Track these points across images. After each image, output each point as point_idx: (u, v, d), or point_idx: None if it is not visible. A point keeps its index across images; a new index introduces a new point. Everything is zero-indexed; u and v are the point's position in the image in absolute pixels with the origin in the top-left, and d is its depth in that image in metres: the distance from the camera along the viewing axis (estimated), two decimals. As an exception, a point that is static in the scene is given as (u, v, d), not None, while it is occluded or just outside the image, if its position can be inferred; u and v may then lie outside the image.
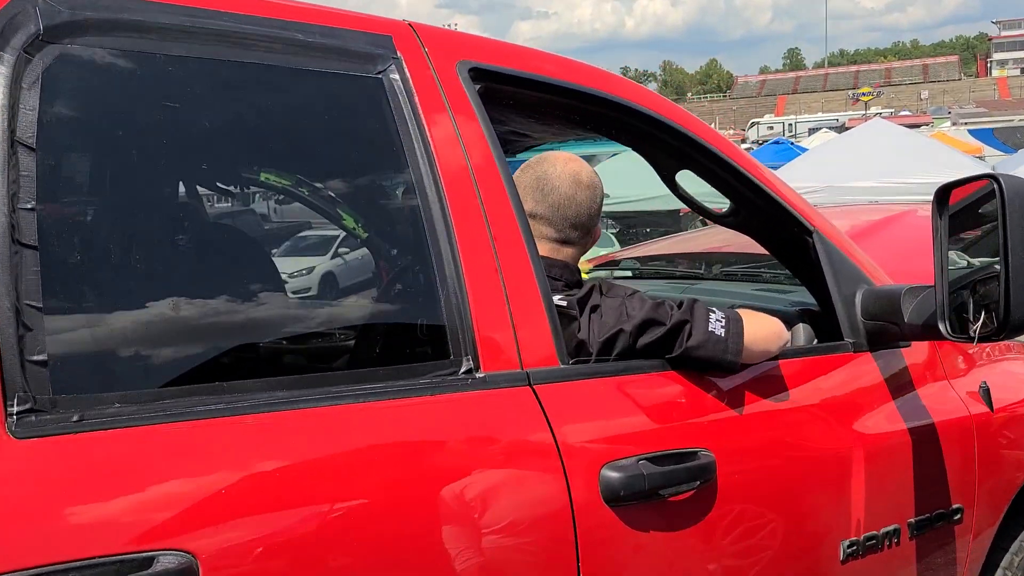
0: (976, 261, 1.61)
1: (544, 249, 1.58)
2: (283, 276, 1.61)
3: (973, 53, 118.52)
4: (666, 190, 2.02)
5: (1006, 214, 1.49)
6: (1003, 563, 2.16)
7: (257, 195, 1.77)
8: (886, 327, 1.83)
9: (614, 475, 1.36)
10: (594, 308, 1.52)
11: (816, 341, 1.96)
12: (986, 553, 2.07)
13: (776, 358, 1.70)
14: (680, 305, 1.56)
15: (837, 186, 11.34)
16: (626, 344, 1.50)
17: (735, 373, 1.56)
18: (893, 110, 58.10)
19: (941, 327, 1.64)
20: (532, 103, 1.70)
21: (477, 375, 1.30)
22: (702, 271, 2.86)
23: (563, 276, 1.57)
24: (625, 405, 1.46)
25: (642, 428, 1.45)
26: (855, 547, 1.72)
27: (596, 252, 3.60)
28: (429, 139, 1.37)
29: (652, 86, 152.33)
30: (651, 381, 1.51)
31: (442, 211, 1.34)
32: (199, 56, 1.21)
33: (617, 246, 3.63)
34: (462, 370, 1.29)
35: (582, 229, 1.63)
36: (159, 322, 1.14)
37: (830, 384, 1.79)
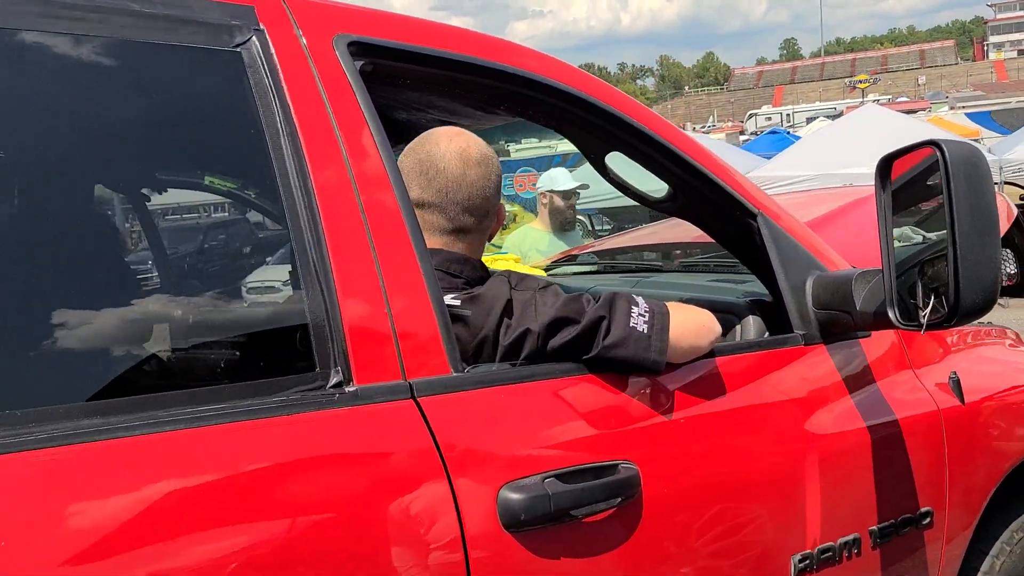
0: (933, 235, 1.45)
1: (437, 241, 1.42)
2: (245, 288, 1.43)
3: (970, 37, 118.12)
4: (661, 184, 1.84)
5: (951, 185, 1.33)
6: (983, 567, 1.99)
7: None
8: (838, 316, 1.67)
9: (514, 497, 1.20)
10: (504, 307, 1.35)
11: (768, 334, 1.80)
12: (962, 558, 1.91)
13: (713, 355, 1.54)
14: (599, 299, 1.40)
15: (831, 173, 11.16)
16: (535, 346, 1.34)
17: (660, 373, 1.40)
18: (891, 97, 57.79)
19: (890, 314, 1.47)
20: (431, 82, 1.54)
21: (347, 389, 1.14)
22: (659, 263, 2.69)
23: (463, 271, 1.40)
24: (530, 416, 1.29)
25: (550, 441, 1.29)
26: (808, 561, 1.56)
27: (557, 248, 3.40)
28: (295, 122, 1.21)
29: (649, 81, 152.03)
30: (563, 386, 1.35)
31: (308, 203, 1.18)
32: (12, 28, 1.05)
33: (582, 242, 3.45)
34: (329, 384, 1.13)
35: (478, 213, 1.46)
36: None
37: (776, 381, 1.62)
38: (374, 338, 1.18)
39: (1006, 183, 11.37)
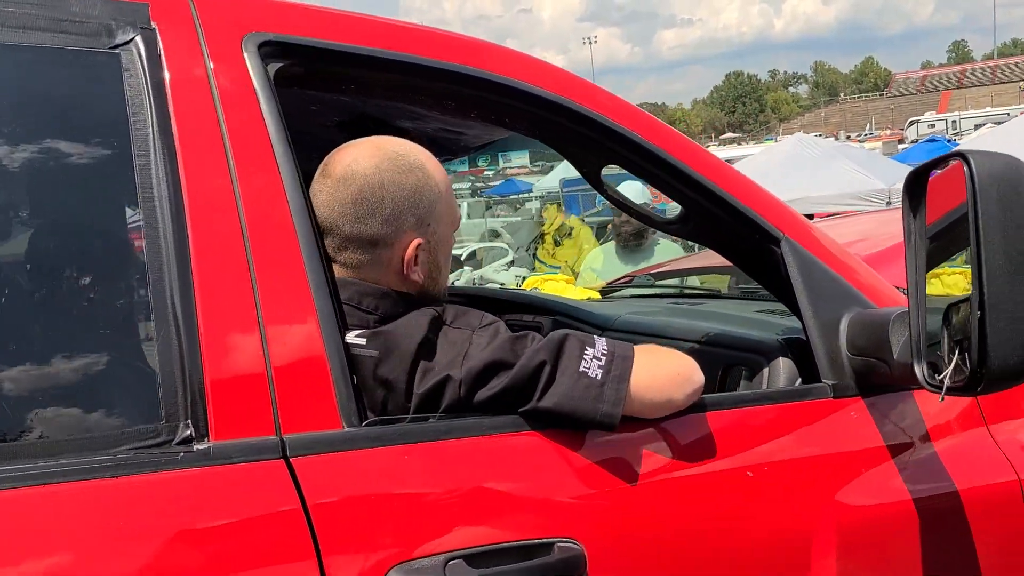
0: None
1: (350, 272, 1.23)
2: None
3: None
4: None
5: (978, 208, 1.02)
6: None
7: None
8: (876, 365, 1.37)
9: (406, 582, 1.00)
10: (421, 346, 1.15)
11: (800, 381, 1.50)
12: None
13: (703, 408, 1.28)
14: (545, 340, 1.18)
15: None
16: (456, 396, 1.13)
17: (614, 430, 1.16)
18: (1073, 100, 52.96)
19: (916, 371, 1.17)
20: (386, 87, 1.37)
21: (197, 446, 0.97)
22: (716, 288, 2.40)
23: (379, 307, 1.20)
24: (441, 481, 1.09)
25: (464, 514, 1.08)
26: (818, 668, 1.27)
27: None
28: (173, 132, 1.07)
29: (802, 88, 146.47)
30: (491, 445, 1.13)
31: (174, 221, 1.03)
32: None
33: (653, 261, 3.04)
34: (176, 439, 0.97)
35: (331, 241, 1.22)
36: None
37: (790, 441, 1.34)
38: (242, 384, 1.02)
39: None
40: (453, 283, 2.89)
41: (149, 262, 1.01)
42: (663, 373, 1.21)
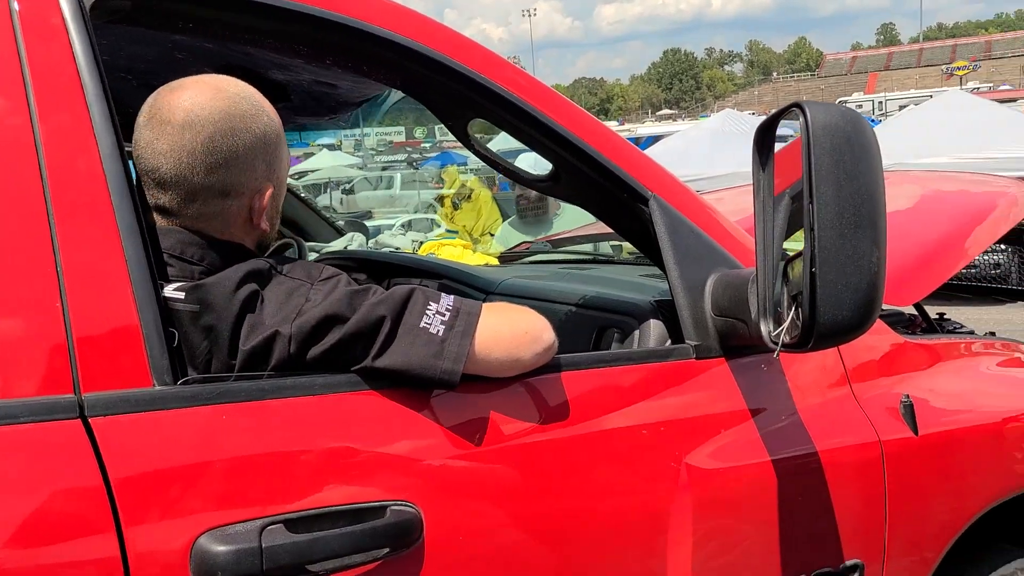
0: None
1: (174, 221, 1.14)
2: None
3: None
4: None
5: (811, 160, 0.99)
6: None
7: None
8: (737, 326, 1.34)
9: (215, 549, 0.94)
10: (247, 300, 1.08)
11: (670, 342, 1.48)
12: (910, 622, 1.56)
13: (558, 368, 1.24)
14: (388, 294, 1.12)
15: (907, 163, 10.46)
16: (285, 353, 1.07)
17: (454, 388, 1.11)
18: (992, 84, 54.80)
19: (763, 329, 1.15)
20: (219, 27, 1.28)
21: (-21, 406, 0.89)
22: (601, 253, 2.37)
23: (204, 257, 1.12)
24: (263, 443, 1.02)
25: (290, 476, 1.02)
26: (671, 629, 1.25)
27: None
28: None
29: (738, 67, 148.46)
30: (322, 405, 1.07)
31: None
32: None
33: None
34: (-46, 398, 0.89)
35: (175, 194, 1.12)
36: None
37: (647, 403, 1.31)
38: (33, 337, 0.94)
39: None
40: (346, 247, 2.81)
41: None
42: (510, 331, 1.16)
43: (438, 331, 1.10)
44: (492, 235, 3.20)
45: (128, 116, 1.19)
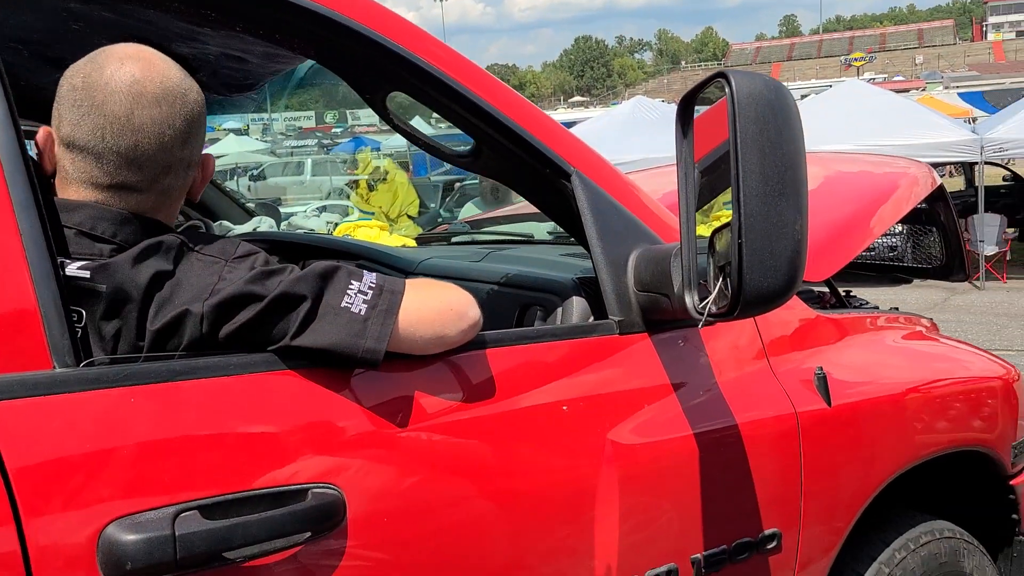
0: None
1: (88, 194, 1.08)
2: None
3: (969, 17, 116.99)
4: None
5: (736, 129, 1.00)
6: (856, 595, 1.70)
7: None
8: (659, 300, 1.35)
9: (124, 538, 0.89)
10: (155, 278, 1.02)
11: (593, 319, 1.48)
12: (824, 586, 1.61)
13: (483, 345, 1.22)
14: (307, 272, 1.08)
15: (811, 151, 10.81)
16: (197, 333, 1.01)
17: (377, 367, 1.08)
18: (886, 75, 57.21)
19: (687, 301, 1.16)
20: None
21: None
22: (520, 233, 2.37)
23: (118, 233, 1.05)
24: (173, 426, 0.97)
25: (205, 461, 0.97)
26: (598, 601, 1.25)
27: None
28: None
29: (647, 55, 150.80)
30: (237, 386, 1.02)
31: None
32: None
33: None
34: None
35: (151, 168, 1.08)
36: None
37: (570, 379, 1.31)
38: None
39: (987, 163, 11.04)
40: (255, 228, 2.73)
41: None
42: (434, 307, 1.14)
43: (360, 310, 1.07)
44: (410, 216, 3.14)
45: (22, 89, 1.11)
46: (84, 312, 0.99)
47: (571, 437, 1.27)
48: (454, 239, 2.61)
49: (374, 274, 1.13)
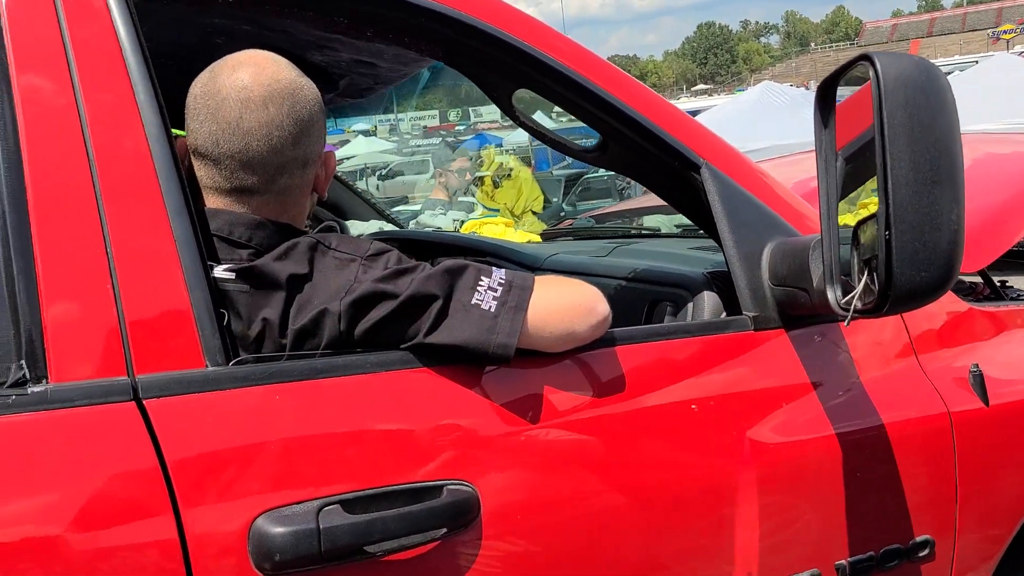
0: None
1: (218, 201, 1.13)
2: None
3: None
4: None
5: (883, 114, 0.94)
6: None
7: None
8: (797, 295, 1.30)
9: (272, 530, 0.92)
10: (297, 277, 1.06)
11: (725, 315, 1.43)
12: (982, 599, 1.51)
13: (613, 343, 1.21)
14: (437, 269, 1.09)
15: (956, 130, 10.15)
16: (335, 332, 1.05)
17: (508, 363, 1.08)
18: (1040, 47, 53.15)
19: (830, 296, 1.10)
20: (257, 4, 1.26)
21: (33, 388, 0.88)
22: (647, 227, 2.33)
23: (252, 238, 1.10)
24: (317, 423, 1.01)
25: (345, 456, 1.00)
26: (737, 606, 1.22)
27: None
28: (6, 46, 0.96)
29: (774, 39, 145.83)
30: (376, 384, 1.05)
31: (5, 148, 0.93)
32: None
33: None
34: (8, 381, 0.88)
35: (264, 170, 1.11)
36: None
37: (705, 376, 1.27)
38: (87, 321, 0.92)
39: None
40: (381, 228, 2.80)
41: None
42: (563, 303, 1.13)
43: (490, 306, 1.07)
44: (534, 212, 3.14)
45: (172, 104, 1.18)
46: (228, 313, 1.04)
47: (705, 436, 1.23)
48: (579, 234, 2.60)
49: (503, 271, 1.13)
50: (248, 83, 1.10)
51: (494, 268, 1.13)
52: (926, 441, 1.41)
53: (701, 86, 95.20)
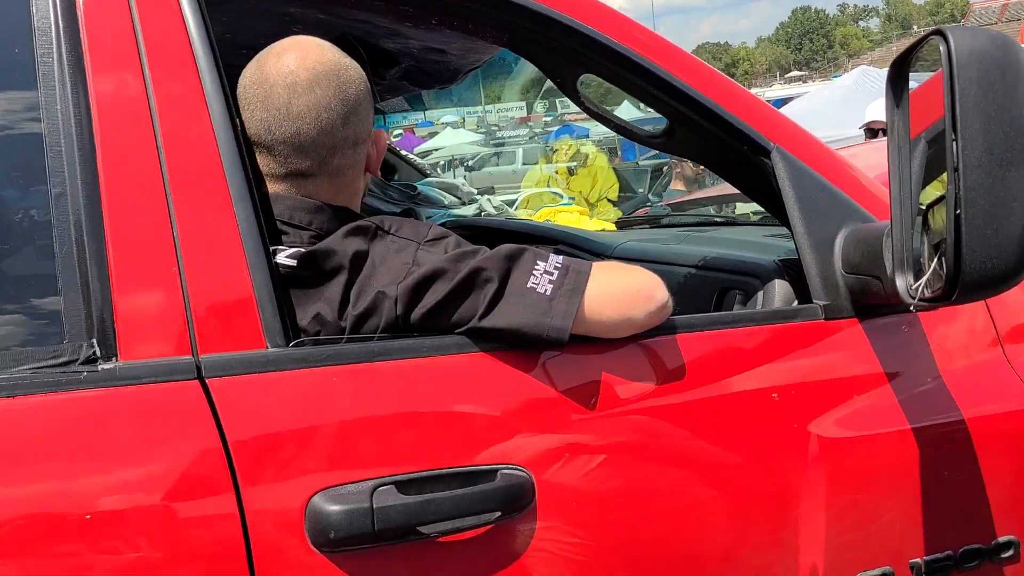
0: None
1: (278, 186, 1.16)
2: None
3: None
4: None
5: (955, 90, 0.89)
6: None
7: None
8: (871, 283, 1.25)
9: (329, 508, 0.95)
10: (356, 261, 1.08)
11: (797, 303, 1.39)
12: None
13: (674, 330, 1.19)
14: (494, 253, 1.10)
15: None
16: (392, 316, 1.06)
17: (563, 347, 1.07)
18: None
19: (899, 284, 1.05)
20: None
21: (103, 366, 0.93)
22: (722, 215, 2.27)
23: (312, 222, 1.13)
24: (374, 404, 1.02)
25: (400, 438, 1.02)
26: (804, 601, 1.19)
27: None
28: (81, 34, 1.01)
29: (873, 22, 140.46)
30: (433, 367, 1.06)
31: (78, 127, 0.97)
32: None
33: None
34: (80, 359, 0.92)
35: (316, 153, 1.13)
36: None
37: (772, 366, 1.24)
38: (155, 301, 0.96)
39: None
40: (478, 212, 2.82)
41: (51, 172, 0.95)
42: (621, 289, 1.12)
43: (546, 290, 1.07)
44: (610, 200, 3.11)
45: None
46: (289, 296, 1.06)
47: (771, 428, 1.20)
48: (655, 222, 2.56)
49: (561, 256, 1.13)
50: (294, 68, 1.13)
51: (552, 253, 1.13)
52: (1011, 437, 1.34)
53: (795, 72, 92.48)
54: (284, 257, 1.07)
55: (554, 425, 1.09)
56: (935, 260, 0.98)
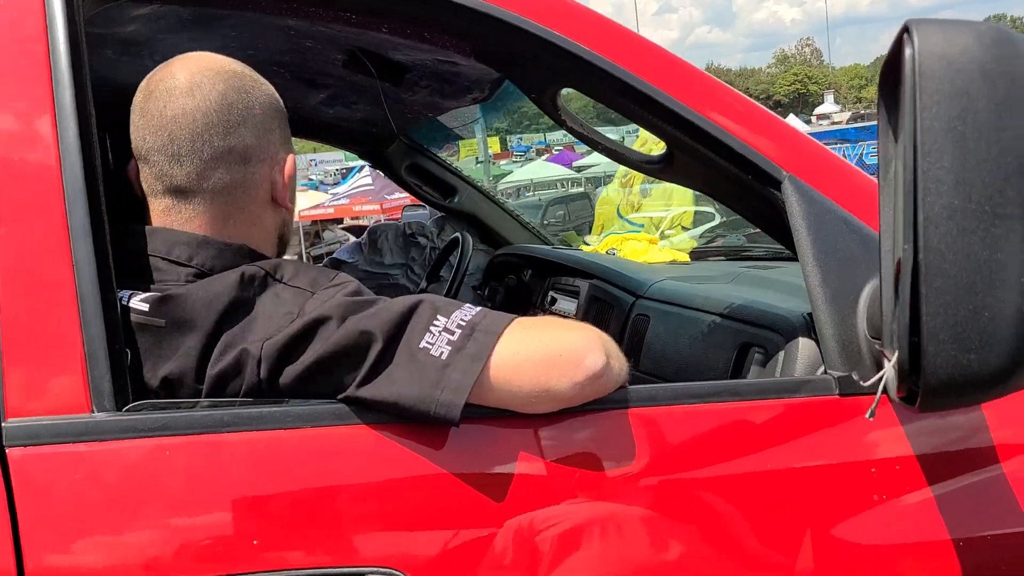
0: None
1: (158, 214, 1.00)
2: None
3: None
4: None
5: (916, 109, 0.61)
6: None
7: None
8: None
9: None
10: (230, 309, 0.91)
11: (823, 369, 1.11)
12: None
13: (622, 404, 0.95)
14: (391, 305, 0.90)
15: None
16: (254, 378, 0.88)
17: (454, 425, 0.86)
18: None
19: (887, 364, 0.76)
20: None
21: None
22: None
23: (193, 257, 0.95)
24: (212, 486, 0.84)
25: (241, 529, 0.84)
26: None
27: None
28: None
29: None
30: (293, 441, 0.87)
31: None
32: None
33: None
34: None
35: (192, 163, 0.97)
36: None
37: (755, 457, 0.97)
38: (-44, 356, 0.83)
39: None
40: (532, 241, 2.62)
41: None
42: (540, 353, 0.89)
43: (442, 352, 0.87)
44: (684, 228, 2.80)
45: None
46: (139, 349, 0.91)
47: (749, 538, 0.94)
48: (731, 254, 2.27)
49: (475, 309, 0.92)
50: (175, 73, 1.00)
51: (464, 306, 0.92)
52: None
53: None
54: (137, 302, 0.92)
55: (444, 520, 0.87)
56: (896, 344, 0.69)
